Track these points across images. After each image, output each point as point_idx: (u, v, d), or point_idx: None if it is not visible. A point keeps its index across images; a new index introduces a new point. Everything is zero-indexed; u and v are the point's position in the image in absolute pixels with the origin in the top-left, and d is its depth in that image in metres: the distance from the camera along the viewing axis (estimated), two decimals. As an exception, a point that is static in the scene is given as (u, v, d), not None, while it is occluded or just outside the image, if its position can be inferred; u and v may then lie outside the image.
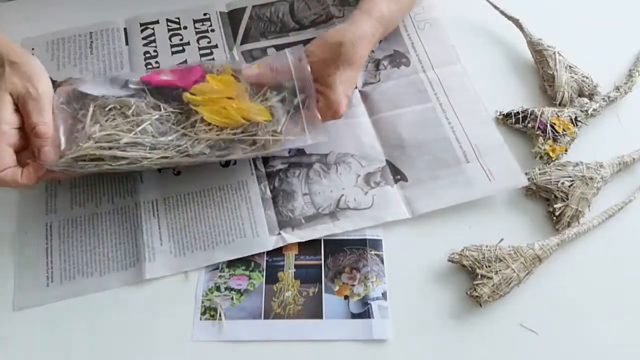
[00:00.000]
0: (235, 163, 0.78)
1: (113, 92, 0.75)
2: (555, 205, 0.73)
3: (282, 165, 0.78)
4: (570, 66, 0.83)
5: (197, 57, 0.89)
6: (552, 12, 0.92)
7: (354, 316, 0.68)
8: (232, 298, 0.69)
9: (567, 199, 0.73)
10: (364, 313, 0.68)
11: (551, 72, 0.83)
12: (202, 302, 0.69)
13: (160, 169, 0.77)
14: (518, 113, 0.81)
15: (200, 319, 0.68)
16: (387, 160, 0.79)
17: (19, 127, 0.69)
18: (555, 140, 0.78)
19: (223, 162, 0.78)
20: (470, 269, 0.69)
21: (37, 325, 0.68)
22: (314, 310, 0.68)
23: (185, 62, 0.88)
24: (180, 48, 0.90)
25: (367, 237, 0.73)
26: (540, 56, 0.84)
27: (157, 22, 0.93)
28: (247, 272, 0.71)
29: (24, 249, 0.73)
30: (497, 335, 0.67)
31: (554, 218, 0.73)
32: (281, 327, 0.67)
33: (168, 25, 0.92)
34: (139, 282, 0.70)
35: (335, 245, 0.72)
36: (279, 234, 0.73)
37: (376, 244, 0.73)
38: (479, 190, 0.75)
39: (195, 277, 0.71)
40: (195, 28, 0.92)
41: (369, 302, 0.68)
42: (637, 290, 0.70)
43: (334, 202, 0.75)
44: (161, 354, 0.66)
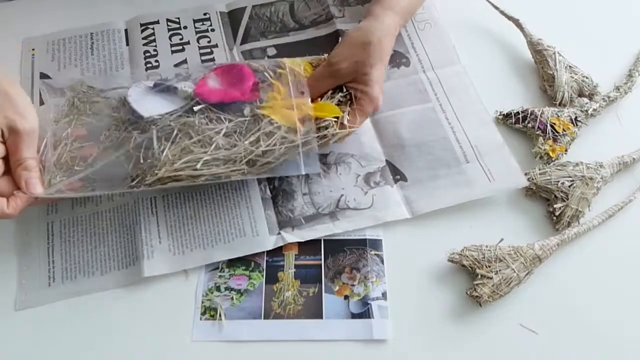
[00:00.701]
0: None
1: (164, 104, 0.75)
2: (555, 205, 0.73)
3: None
4: (570, 66, 0.83)
5: (197, 57, 0.89)
6: (552, 12, 0.92)
7: (354, 316, 0.68)
8: (232, 298, 0.69)
9: (567, 199, 0.73)
10: (364, 313, 0.68)
11: (551, 72, 0.83)
12: (202, 302, 0.69)
13: None
14: (518, 113, 0.81)
15: (200, 319, 0.68)
16: (387, 160, 0.79)
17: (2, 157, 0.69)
18: (555, 140, 0.78)
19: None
20: (470, 269, 0.69)
21: (38, 325, 0.68)
22: (314, 310, 0.68)
23: (185, 61, 0.88)
24: (180, 47, 0.90)
25: (367, 237, 0.73)
26: (540, 56, 0.85)
27: (157, 22, 0.93)
28: (247, 272, 0.71)
29: (26, 249, 0.73)
30: (497, 335, 0.67)
31: (554, 218, 0.73)
32: (281, 327, 0.67)
33: (168, 25, 0.93)
34: (140, 282, 0.70)
35: (335, 245, 0.72)
36: (279, 233, 0.73)
37: (376, 244, 0.73)
38: (478, 190, 0.75)
39: (195, 277, 0.71)
40: (195, 28, 0.92)
41: (369, 302, 0.68)
42: (637, 290, 0.70)
43: (334, 202, 0.75)
44: (161, 354, 0.66)
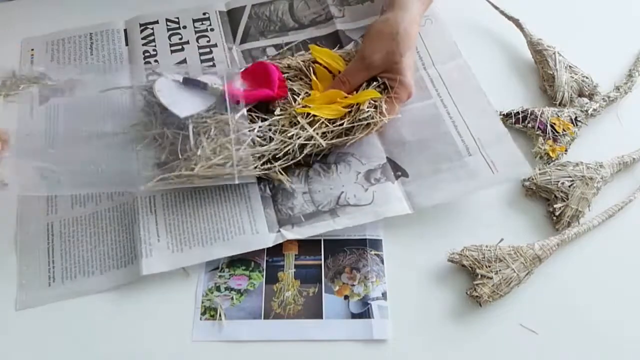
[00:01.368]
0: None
1: (195, 101, 0.76)
2: (555, 205, 0.73)
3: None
4: (570, 66, 0.83)
5: (196, 57, 0.89)
6: (552, 12, 0.92)
7: (354, 316, 0.68)
8: (232, 298, 0.69)
9: (567, 199, 0.73)
10: (364, 313, 0.68)
11: (551, 72, 0.83)
12: (202, 302, 0.69)
13: None
14: (518, 113, 0.81)
15: (200, 319, 0.68)
16: (387, 158, 0.78)
17: None
18: (555, 140, 0.78)
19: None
20: (470, 269, 0.69)
21: (38, 324, 0.68)
22: (314, 310, 0.68)
23: (184, 61, 0.88)
24: (180, 47, 0.90)
25: (367, 237, 0.73)
26: (540, 56, 0.85)
27: (157, 22, 0.93)
28: (247, 272, 0.71)
29: (26, 249, 0.73)
30: (497, 335, 0.67)
31: (554, 218, 0.73)
32: (281, 327, 0.67)
33: (167, 25, 0.93)
34: (140, 282, 0.70)
35: (335, 245, 0.72)
36: (279, 231, 0.73)
37: (376, 244, 0.73)
38: (481, 182, 0.75)
39: (195, 277, 0.71)
40: (195, 27, 0.92)
41: (369, 302, 0.68)
42: (638, 290, 0.70)
43: (334, 199, 0.75)
44: (161, 354, 0.66)
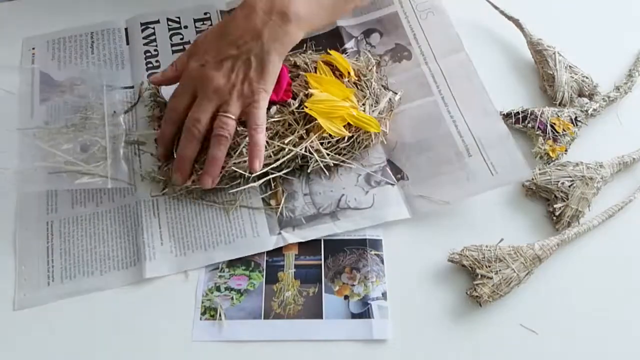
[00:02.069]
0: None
1: None
2: (555, 205, 0.73)
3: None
4: (570, 66, 0.83)
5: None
6: (552, 12, 0.92)
7: (354, 316, 0.68)
8: (232, 298, 0.69)
9: (567, 199, 0.73)
10: (364, 313, 0.68)
11: (551, 72, 0.83)
12: (202, 302, 0.69)
13: None
14: (518, 113, 0.81)
15: (200, 319, 0.68)
16: (387, 160, 0.78)
17: None
18: (555, 140, 0.78)
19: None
20: (470, 269, 0.69)
21: (37, 324, 0.68)
22: (314, 310, 0.68)
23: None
24: (181, 47, 0.90)
25: (367, 237, 0.73)
26: (540, 56, 0.84)
27: (158, 22, 0.93)
28: (247, 272, 0.71)
29: (25, 248, 0.73)
30: (497, 335, 0.67)
31: (554, 218, 0.73)
32: (281, 327, 0.67)
33: (169, 25, 0.93)
34: (140, 282, 0.70)
35: (335, 245, 0.72)
36: (280, 233, 0.73)
37: (376, 244, 0.73)
38: (480, 185, 0.75)
39: (195, 277, 0.71)
40: (196, 27, 0.92)
41: (369, 302, 0.68)
42: (638, 290, 0.70)
43: (335, 202, 0.75)
44: (161, 354, 0.66)
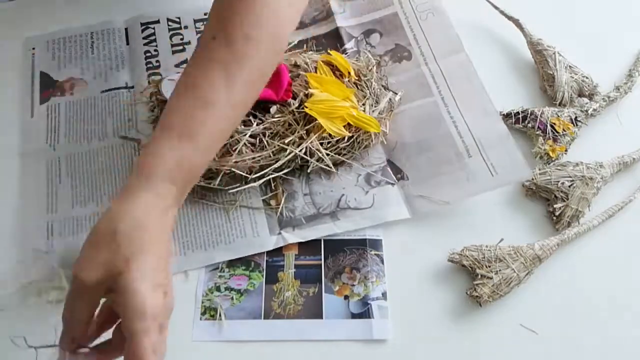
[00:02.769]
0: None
1: None
2: (555, 205, 0.73)
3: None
4: (570, 66, 0.83)
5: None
6: (552, 12, 0.92)
7: (354, 316, 0.68)
8: (232, 298, 0.69)
9: (567, 199, 0.73)
10: (364, 313, 0.68)
11: (551, 72, 0.83)
12: (202, 302, 0.69)
13: None
14: (518, 113, 0.81)
15: (200, 319, 0.68)
16: (387, 160, 0.78)
17: None
18: (555, 140, 0.78)
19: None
20: (470, 269, 0.69)
21: (36, 325, 0.68)
22: (314, 310, 0.68)
23: (186, 61, 0.88)
24: (181, 47, 0.90)
25: (367, 237, 0.73)
26: (540, 56, 0.84)
27: (158, 22, 0.93)
28: (247, 272, 0.71)
29: (25, 248, 0.73)
30: (497, 335, 0.67)
31: (554, 218, 0.73)
32: (281, 327, 0.67)
33: (169, 25, 0.93)
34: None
35: (335, 245, 0.72)
36: (280, 233, 0.73)
37: (376, 244, 0.73)
38: (480, 186, 0.75)
39: (195, 277, 0.71)
40: (196, 27, 0.92)
41: (369, 302, 0.68)
42: (638, 290, 0.70)
43: (335, 202, 0.75)
44: (161, 353, 0.66)
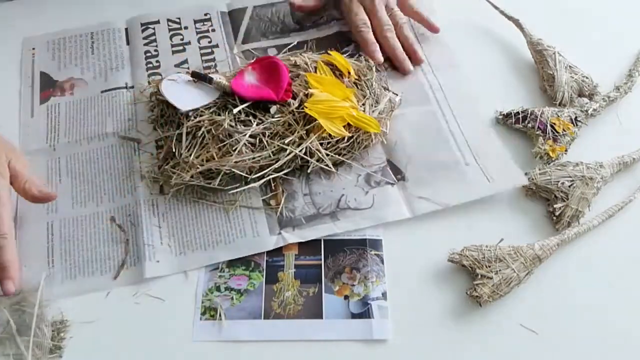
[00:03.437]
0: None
1: (197, 96, 0.77)
2: (555, 205, 0.73)
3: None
4: (570, 66, 0.83)
5: (197, 57, 0.89)
6: (552, 12, 0.92)
7: (354, 316, 0.68)
8: (232, 298, 0.69)
9: (567, 199, 0.73)
10: (364, 313, 0.68)
11: (551, 72, 0.83)
12: (202, 302, 0.69)
13: None
14: (518, 113, 0.81)
15: (200, 319, 0.68)
16: (387, 160, 0.79)
17: None
18: (555, 140, 0.78)
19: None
20: (470, 269, 0.69)
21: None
22: (314, 310, 0.68)
23: (186, 61, 0.88)
24: (181, 48, 0.90)
25: (367, 237, 0.73)
26: (540, 56, 0.85)
27: (158, 22, 0.93)
28: (247, 272, 0.71)
29: (25, 248, 0.73)
30: (497, 335, 0.67)
31: (554, 218, 0.73)
32: (281, 327, 0.67)
33: (169, 25, 0.93)
34: (140, 282, 0.70)
35: (335, 245, 0.72)
36: (280, 233, 0.73)
37: (376, 244, 0.73)
38: (477, 191, 0.75)
39: (195, 277, 0.71)
40: (196, 28, 0.92)
41: (369, 302, 0.68)
42: (638, 290, 0.70)
43: (335, 202, 0.75)
44: (161, 354, 0.66)
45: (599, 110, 0.81)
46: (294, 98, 0.77)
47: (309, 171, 0.76)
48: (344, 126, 0.76)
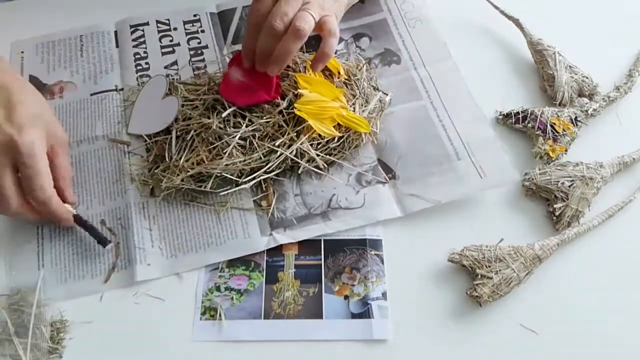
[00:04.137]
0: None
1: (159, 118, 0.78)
2: (555, 205, 0.73)
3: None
4: (570, 66, 0.83)
5: (187, 58, 0.89)
6: (552, 12, 0.92)
7: (354, 316, 0.68)
8: (232, 298, 0.69)
9: (567, 199, 0.73)
10: (364, 313, 0.68)
11: (551, 72, 0.83)
12: (202, 302, 0.69)
13: None
14: (518, 113, 0.81)
15: (200, 319, 0.68)
16: (378, 159, 0.78)
17: None
18: (555, 140, 0.78)
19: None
20: (470, 269, 0.69)
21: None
22: (314, 310, 0.68)
23: (175, 62, 0.88)
24: (171, 49, 0.90)
25: (367, 237, 0.73)
26: (540, 56, 0.84)
27: (147, 24, 0.92)
28: (247, 272, 0.71)
29: (15, 251, 0.73)
30: (497, 335, 0.67)
31: (554, 218, 0.73)
32: (281, 327, 0.67)
33: (158, 27, 0.92)
34: (139, 282, 0.70)
35: (335, 245, 0.72)
36: (271, 234, 0.73)
37: (376, 244, 0.72)
38: (469, 187, 0.75)
39: (195, 277, 0.71)
40: (185, 29, 0.92)
41: (369, 302, 0.68)
42: (637, 290, 0.70)
43: (326, 202, 0.75)
44: (161, 354, 0.66)
45: (599, 110, 0.81)
46: (282, 98, 0.77)
47: (299, 172, 0.76)
48: (334, 126, 0.76)
